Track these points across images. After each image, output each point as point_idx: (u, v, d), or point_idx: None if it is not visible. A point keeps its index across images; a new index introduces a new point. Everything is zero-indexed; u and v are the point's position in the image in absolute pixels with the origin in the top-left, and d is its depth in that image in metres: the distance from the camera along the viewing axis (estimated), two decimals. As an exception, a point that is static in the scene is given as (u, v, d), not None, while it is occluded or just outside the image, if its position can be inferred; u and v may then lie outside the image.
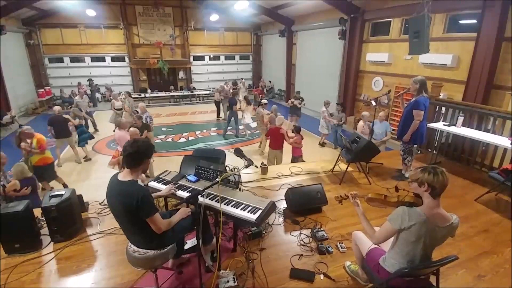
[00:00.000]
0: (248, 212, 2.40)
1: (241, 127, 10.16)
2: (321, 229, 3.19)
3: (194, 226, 2.30)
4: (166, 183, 2.86)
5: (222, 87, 11.89)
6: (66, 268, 2.70)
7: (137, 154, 2.01)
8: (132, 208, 1.92)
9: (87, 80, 14.93)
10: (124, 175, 2.03)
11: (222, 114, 12.01)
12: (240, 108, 9.89)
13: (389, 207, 2.15)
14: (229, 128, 10.06)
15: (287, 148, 6.21)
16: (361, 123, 6.31)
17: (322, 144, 8.87)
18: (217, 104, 12.05)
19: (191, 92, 16.51)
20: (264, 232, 3.16)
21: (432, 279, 2.05)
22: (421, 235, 1.82)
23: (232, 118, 9.81)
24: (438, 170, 1.82)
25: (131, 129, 5.29)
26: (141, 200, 1.91)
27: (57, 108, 7.39)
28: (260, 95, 14.36)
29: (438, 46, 7.25)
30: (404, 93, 4.48)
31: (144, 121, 7.23)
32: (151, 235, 2.07)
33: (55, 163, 7.40)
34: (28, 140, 5.08)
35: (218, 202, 2.44)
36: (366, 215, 2.19)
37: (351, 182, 4.48)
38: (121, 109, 9.45)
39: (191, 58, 17.35)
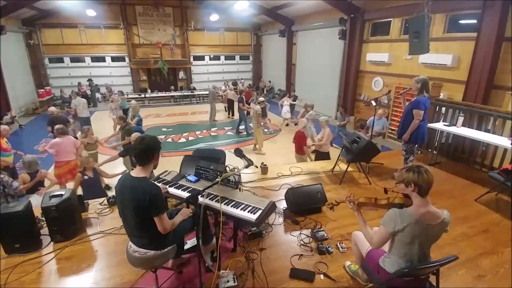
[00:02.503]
0: (248, 212, 2.39)
1: (241, 127, 10.23)
2: (321, 229, 3.19)
3: (195, 226, 2.30)
4: (166, 183, 2.86)
5: (212, 92, 11.98)
6: (66, 268, 2.70)
7: (147, 150, 2.06)
8: (145, 204, 1.94)
9: (87, 80, 14.93)
10: (137, 172, 2.07)
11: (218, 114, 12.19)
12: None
13: (380, 210, 2.15)
14: (241, 127, 10.19)
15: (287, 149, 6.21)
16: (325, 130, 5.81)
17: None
18: (230, 103, 12.29)
19: (191, 92, 16.51)
20: (264, 232, 3.16)
21: (432, 279, 2.05)
22: (415, 235, 1.83)
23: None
24: (422, 169, 1.85)
25: (134, 134, 5.07)
26: (154, 196, 1.94)
27: (52, 109, 7.36)
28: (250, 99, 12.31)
29: (438, 46, 7.25)
30: (405, 93, 4.48)
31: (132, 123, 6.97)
32: (154, 235, 2.08)
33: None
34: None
35: (218, 202, 2.43)
36: (365, 215, 2.18)
37: (351, 182, 4.48)
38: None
39: (191, 58, 17.35)
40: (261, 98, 8.66)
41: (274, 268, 2.69)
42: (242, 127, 10.18)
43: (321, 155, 5.77)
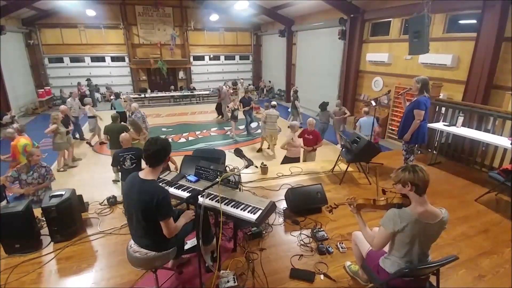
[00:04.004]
0: (248, 212, 2.39)
1: (254, 124, 10.24)
2: (321, 229, 3.19)
3: (195, 227, 2.30)
4: (166, 183, 2.86)
5: (221, 87, 11.92)
6: (66, 268, 2.70)
7: (160, 152, 2.04)
8: (151, 208, 1.92)
9: (86, 80, 14.92)
10: (146, 174, 2.05)
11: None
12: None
13: (379, 210, 2.15)
14: (241, 127, 10.12)
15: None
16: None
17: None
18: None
19: (191, 92, 16.50)
20: (264, 232, 3.16)
21: (432, 279, 2.05)
22: (415, 234, 1.84)
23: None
24: (417, 168, 1.86)
25: (122, 135, 5.01)
26: (161, 200, 1.93)
27: (63, 107, 7.37)
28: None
29: (438, 46, 7.25)
30: (405, 93, 4.48)
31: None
32: (158, 237, 2.07)
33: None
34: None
35: (218, 202, 2.43)
36: (365, 216, 2.18)
37: (351, 182, 4.48)
38: (94, 116, 8.84)
39: (191, 58, 17.35)
40: (274, 103, 8.54)
41: (274, 268, 2.69)
42: (254, 125, 10.21)
43: (288, 160, 5.72)
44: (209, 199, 2.50)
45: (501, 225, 3.39)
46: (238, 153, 2.83)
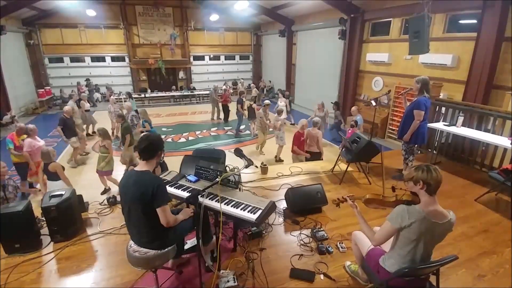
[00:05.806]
0: (248, 212, 2.39)
1: (242, 127, 10.22)
2: (321, 229, 3.20)
3: (195, 226, 2.30)
4: (166, 183, 2.86)
5: (215, 88, 11.88)
6: (66, 268, 2.71)
7: (151, 147, 2.16)
8: (148, 197, 1.99)
9: (85, 80, 14.90)
10: (141, 166, 2.16)
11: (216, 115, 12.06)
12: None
13: (387, 208, 2.15)
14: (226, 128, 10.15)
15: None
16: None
17: None
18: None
19: (191, 92, 16.50)
20: (264, 232, 3.16)
21: (432, 279, 2.05)
22: (422, 232, 1.83)
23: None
24: (431, 167, 1.86)
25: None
26: (157, 188, 2.01)
27: (67, 108, 7.34)
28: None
29: (438, 46, 7.25)
30: (406, 93, 4.48)
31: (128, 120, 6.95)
32: (156, 232, 2.10)
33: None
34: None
35: (218, 202, 2.43)
36: (365, 215, 2.18)
37: (351, 182, 4.48)
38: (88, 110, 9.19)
39: (191, 58, 17.34)
40: (267, 101, 8.55)
41: (274, 268, 2.69)
42: (243, 126, 10.19)
43: (314, 156, 5.64)
44: (209, 199, 2.50)
45: (501, 225, 3.39)
46: (238, 153, 2.83)
